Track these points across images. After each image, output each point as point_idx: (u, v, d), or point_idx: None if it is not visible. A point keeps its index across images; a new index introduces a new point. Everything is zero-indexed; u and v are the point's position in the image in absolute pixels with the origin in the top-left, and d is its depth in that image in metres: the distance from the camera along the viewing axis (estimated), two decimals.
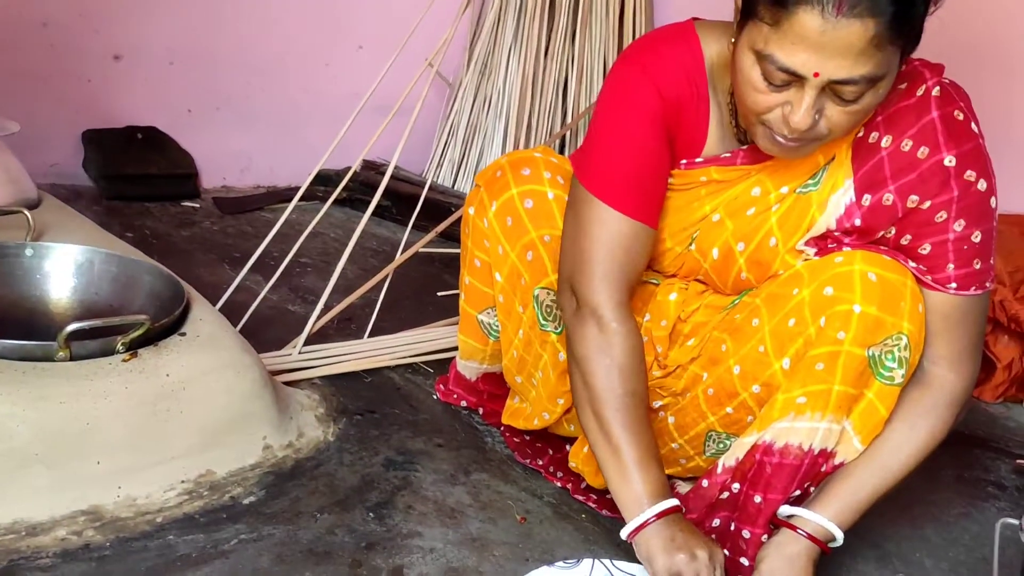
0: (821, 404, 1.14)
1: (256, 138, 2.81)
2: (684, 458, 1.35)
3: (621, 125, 1.21)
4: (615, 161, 1.21)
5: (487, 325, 1.52)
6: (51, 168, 2.37)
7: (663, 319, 1.36)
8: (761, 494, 1.20)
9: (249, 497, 1.26)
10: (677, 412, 1.32)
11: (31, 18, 2.26)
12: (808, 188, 1.19)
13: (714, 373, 1.25)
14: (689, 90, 1.20)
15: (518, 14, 2.71)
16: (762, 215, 1.22)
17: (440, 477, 1.40)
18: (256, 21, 2.69)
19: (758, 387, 1.20)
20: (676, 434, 1.33)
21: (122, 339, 1.22)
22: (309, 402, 1.51)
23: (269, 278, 1.97)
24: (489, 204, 1.39)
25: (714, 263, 1.28)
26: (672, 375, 1.34)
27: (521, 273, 1.39)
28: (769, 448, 1.18)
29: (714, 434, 1.29)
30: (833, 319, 1.12)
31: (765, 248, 1.22)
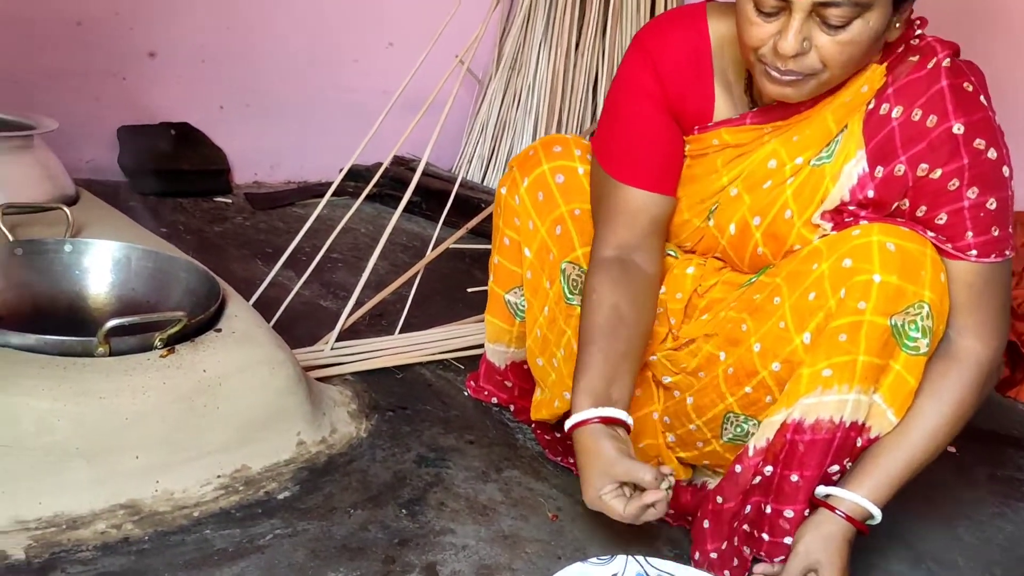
0: (848, 375, 1.14)
1: (286, 134, 2.83)
2: (701, 441, 1.35)
3: (623, 106, 1.31)
4: (624, 142, 1.31)
5: (513, 305, 1.54)
6: (87, 164, 2.40)
7: (679, 292, 1.37)
8: (797, 472, 1.20)
9: (283, 492, 1.27)
10: (696, 393, 1.32)
11: (67, 17, 2.29)
12: (822, 160, 1.21)
13: (734, 353, 1.26)
14: (691, 66, 1.26)
15: (548, 9, 2.71)
16: (778, 188, 1.23)
17: (472, 474, 1.41)
18: (287, 18, 2.71)
19: (778, 364, 1.21)
20: (694, 415, 1.33)
21: (159, 335, 1.24)
22: (341, 398, 1.52)
23: (301, 274, 1.99)
24: (521, 180, 1.44)
25: (731, 239, 1.30)
26: (685, 349, 1.35)
27: (550, 248, 1.42)
28: (799, 426, 1.18)
29: (732, 416, 1.29)
30: (853, 290, 1.13)
31: (780, 221, 1.24)
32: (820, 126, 1.20)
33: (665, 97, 1.27)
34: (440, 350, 1.80)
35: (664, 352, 1.36)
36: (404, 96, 2.10)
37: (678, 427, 1.35)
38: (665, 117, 1.29)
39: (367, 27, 2.89)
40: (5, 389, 1.10)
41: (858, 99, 1.18)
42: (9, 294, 1.37)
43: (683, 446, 1.36)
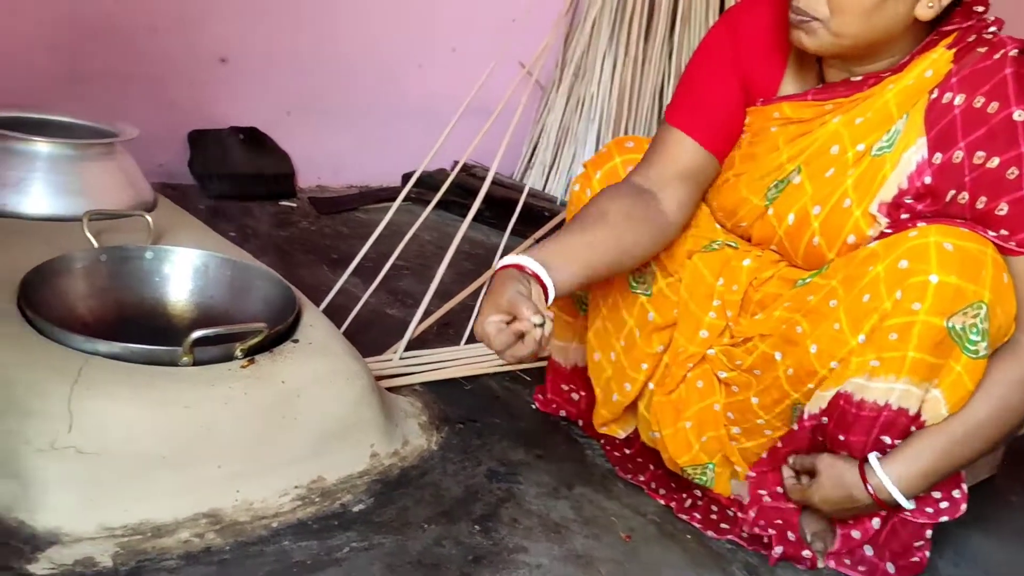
0: (895, 368, 1.15)
1: (350, 138, 2.86)
2: (770, 429, 1.35)
3: (696, 62, 1.38)
4: (687, 93, 1.37)
5: (578, 298, 1.55)
6: (159, 167, 2.44)
7: (735, 284, 1.37)
8: (844, 434, 1.23)
9: (359, 504, 1.28)
10: (760, 393, 1.32)
11: (142, 24, 2.33)
12: (883, 150, 1.21)
13: (792, 355, 1.25)
14: (769, 38, 1.30)
15: (615, 17, 2.69)
16: (839, 176, 1.24)
17: (543, 490, 1.40)
18: (352, 24, 2.73)
19: (836, 363, 1.20)
20: (761, 412, 1.33)
21: (240, 346, 1.25)
22: (412, 409, 1.53)
23: (366, 280, 2.00)
24: (593, 174, 1.46)
25: (789, 228, 1.30)
26: (741, 347, 1.35)
27: None
28: (849, 397, 1.20)
29: (800, 406, 1.29)
30: (909, 291, 1.12)
31: (839, 210, 1.24)
32: (882, 110, 1.21)
33: (737, 59, 1.32)
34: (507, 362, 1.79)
35: (721, 347, 1.37)
36: (468, 102, 2.11)
37: (743, 422, 1.36)
38: (731, 78, 1.33)
39: (430, 33, 2.91)
40: (95, 397, 1.12)
41: (921, 84, 1.19)
42: (93, 300, 1.40)
43: (749, 436, 1.37)
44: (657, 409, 1.43)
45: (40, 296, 1.28)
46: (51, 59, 2.22)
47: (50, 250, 1.40)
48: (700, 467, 1.42)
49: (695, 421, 1.40)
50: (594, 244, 1.26)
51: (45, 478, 1.09)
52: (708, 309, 1.38)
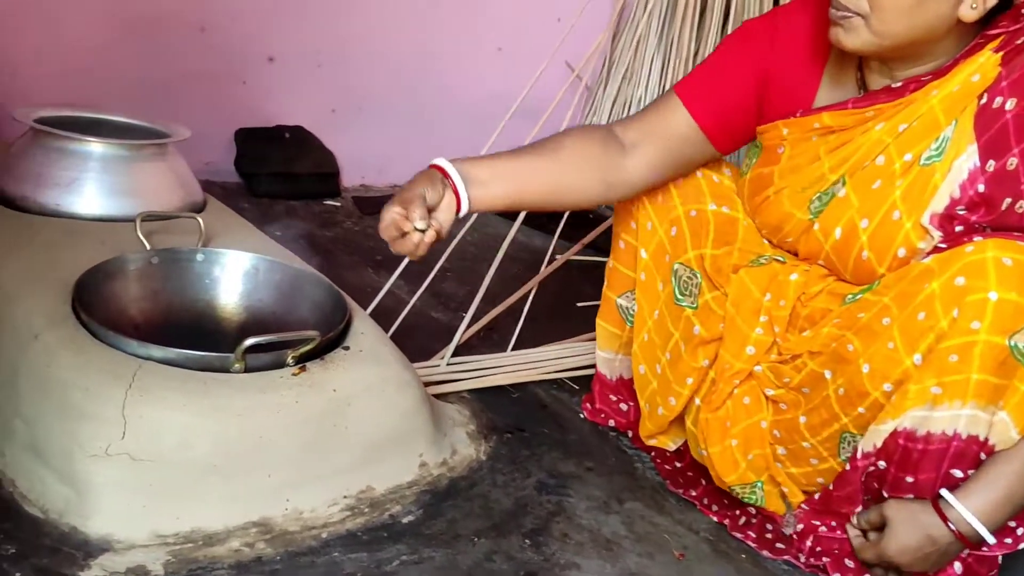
0: (959, 392, 1.10)
1: (394, 138, 2.84)
2: (816, 458, 1.30)
3: (725, 49, 1.35)
4: (705, 68, 1.35)
5: (625, 309, 1.53)
6: (206, 166, 2.45)
7: (782, 299, 1.34)
8: (912, 476, 1.18)
9: (408, 516, 1.26)
10: (808, 412, 1.28)
11: (191, 23, 2.34)
12: (931, 159, 1.17)
13: (843, 373, 1.21)
14: (808, 46, 1.28)
15: (665, 17, 2.65)
16: (887, 187, 1.20)
17: (593, 504, 1.37)
18: (399, 23, 2.72)
19: (889, 385, 1.16)
20: (807, 433, 1.29)
21: (292, 353, 1.24)
22: (460, 418, 1.51)
23: (410, 281, 1.98)
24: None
25: (836, 243, 1.26)
26: (789, 364, 1.31)
27: (666, 249, 1.42)
28: (912, 435, 1.15)
29: (848, 435, 1.24)
30: (967, 309, 1.08)
31: (888, 223, 1.20)
32: (928, 118, 1.17)
33: (768, 62, 1.30)
34: (554, 369, 1.77)
35: (768, 363, 1.34)
36: (512, 101, 2.08)
37: (789, 442, 1.32)
38: (751, 75, 1.31)
39: (476, 32, 2.89)
40: (151, 403, 1.11)
41: (968, 89, 1.14)
42: (145, 302, 1.40)
43: (794, 461, 1.33)
44: (704, 426, 1.40)
45: (94, 298, 1.28)
46: (101, 58, 2.23)
47: (103, 251, 1.40)
48: (748, 486, 1.38)
49: (741, 439, 1.37)
50: (533, 172, 1.29)
51: (98, 484, 1.09)
52: (755, 325, 1.35)
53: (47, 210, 1.51)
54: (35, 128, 1.54)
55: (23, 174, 1.53)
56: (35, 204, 1.51)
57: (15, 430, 1.17)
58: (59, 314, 1.23)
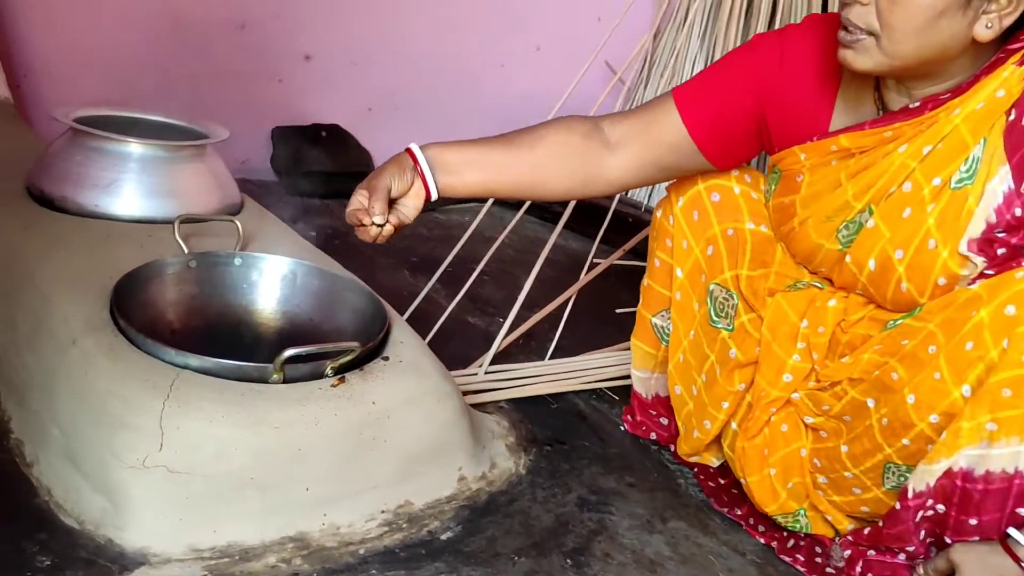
0: (1017, 428, 1.06)
1: (430, 137, 2.77)
2: (859, 487, 1.26)
3: (732, 61, 1.29)
4: (706, 76, 1.30)
5: (660, 328, 1.50)
6: (242, 164, 2.44)
7: (821, 325, 1.29)
8: (975, 517, 1.12)
9: (446, 532, 1.23)
10: (850, 441, 1.23)
11: (231, 20, 2.32)
12: (963, 182, 1.12)
13: (887, 402, 1.16)
14: (819, 69, 1.22)
15: (709, 16, 2.60)
16: (919, 215, 1.15)
17: (636, 522, 1.34)
18: (435, 22, 2.69)
19: (936, 416, 1.11)
20: (850, 463, 1.24)
21: (331, 364, 1.21)
22: (499, 429, 1.48)
23: (446, 285, 1.96)
24: (676, 200, 1.40)
25: (871, 275, 1.21)
26: (829, 391, 1.26)
27: (703, 268, 1.38)
28: (968, 475, 1.09)
29: (893, 466, 1.19)
30: (1018, 340, 1.03)
31: (924, 252, 1.15)
32: (954, 139, 1.12)
33: (772, 81, 1.24)
34: (594, 379, 1.73)
35: (807, 391, 1.29)
36: (550, 101, 2.05)
37: (830, 471, 1.27)
38: (753, 92, 1.26)
39: (514, 31, 2.86)
40: (188, 414, 1.09)
41: (993, 105, 1.09)
42: (182, 307, 1.38)
43: (837, 490, 1.28)
44: (741, 455, 1.36)
45: (132, 303, 1.26)
46: (140, 56, 2.23)
47: (141, 254, 1.38)
48: (791, 515, 1.34)
49: (780, 467, 1.33)
50: (508, 162, 1.26)
51: (135, 496, 1.07)
52: (792, 351, 1.31)
53: (85, 211, 1.49)
54: (74, 128, 1.52)
55: (62, 174, 1.52)
56: (74, 205, 1.50)
57: (51, 437, 1.16)
58: (97, 319, 1.21)
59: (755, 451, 1.35)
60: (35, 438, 1.19)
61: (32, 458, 1.18)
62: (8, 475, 1.16)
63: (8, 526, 1.08)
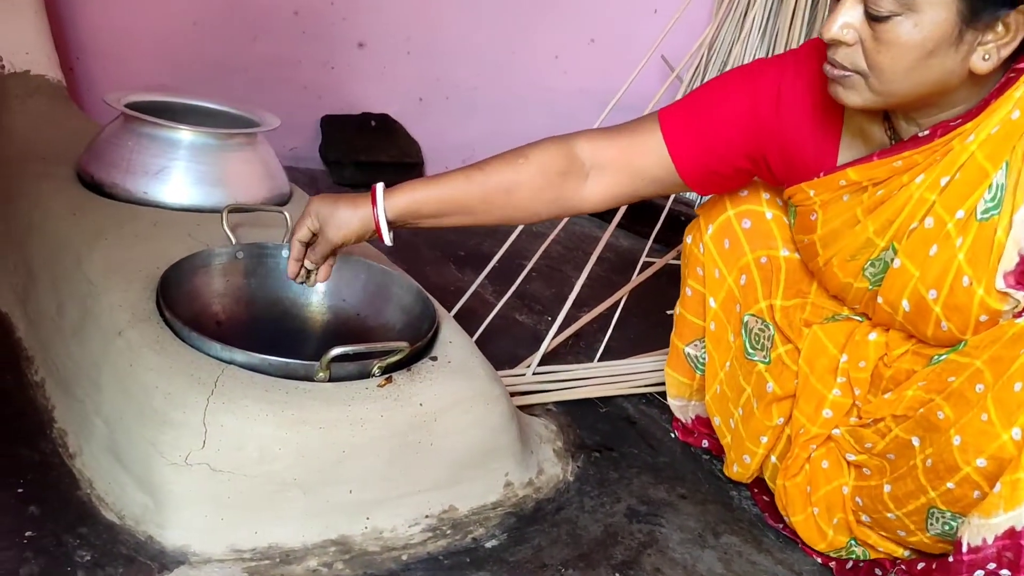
0: None
1: (480, 129, 2.78)
2: (903, 530, 1.19)
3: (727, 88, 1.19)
4: (698, 101, 1.20)
5: (693, 358, 1.45)
6: (290, 151, 2.42)
7: (862, 360, 1.23)
8: None
9: (491, 540, 1.19)
10: (893, 481, 1.16)
11: (285, 6, 2.30)
12: (989, 212, 1.06)
13: (932, 442, 1.09)
14: (818, 96, 1.14)
15: (770, 9, 2.51)
16: (946, 252, 1.09)
17: (687, 536, 1.29)
18: (489, 12, 2.65)
19: (983, 460, 1.03)
20: (892, 504, 1.17)
21: (379, 363, 1.18)
22: (547, 433, 1.43)
23: (493, 280, 1.92)
24: (705, 228, 1.35)
25: (907, 315, 1.15)
26: (871, 428, 1.20)
27: (737, 299, 1.33)
28: None
29: (936, 511, 1.12)
30: None
31: (959, 291, 1.09)
32: (972, 167, 1.05)
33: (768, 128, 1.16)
34: (644, 383, 1.68)
35: (848, 427, 1.23)
36: (603, 95, 1.99)
37: (872, 511, 1.21)
38: (746, 136, 1.17)
39: (569, 23, 2.80)
40: (232, 412, 1.06)
41: (1010, 128, 1.02)
42: (228, 298, 1.36)
43: (880, 529, 1.22)
44: (782, 493, 1.31)
45: (178, 294, 1.24)
46: (192, 41, 2.22)
47: (189, 243, 1.36)
48: (843, 548, 1.28)
49: (823, 506, 1.27)
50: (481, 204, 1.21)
51: (177, 493, 1.05)
52: (831, 385, 1.25)
53: (135, 198, 1.48)
54: (126, 114, 1.51)
55: (112, 160, 1.50)
56: (124, 191, 1.49)
57: (95, 428, 1.14)
58: (143, 310, 1.19)
59: (797, 490, 1.29)
60: (79, 429, 1.18)
61: (75, 449, 1.17)
62: (51, 465, 1.15)
63: (50, 518, 1.07)
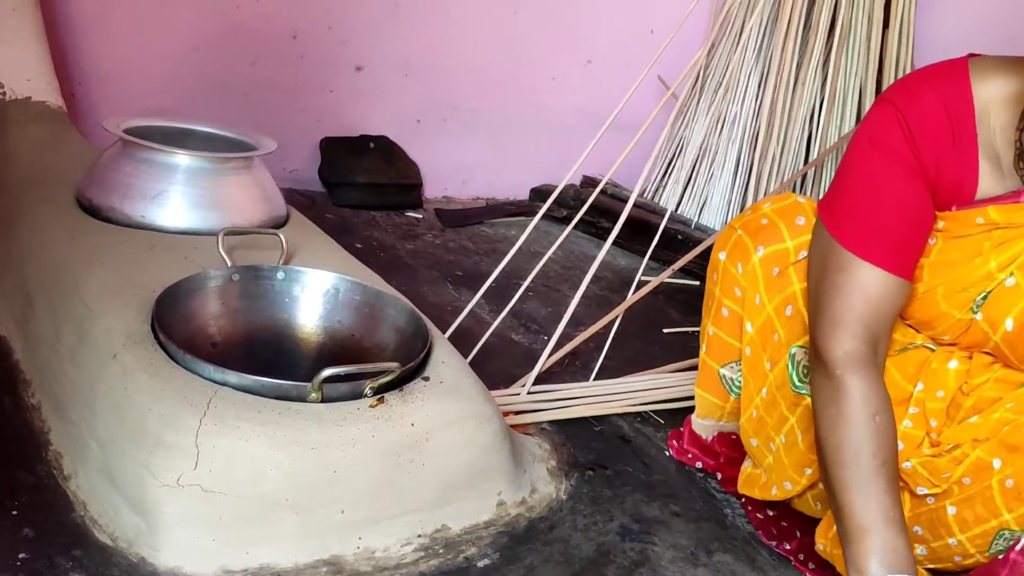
0: None
1: (479, 150, 2.80)
2: (961, 555, 1.16)
3: (869, 169, 1.12)
4: (862, 207, 1.13)
5: (729, 380, 1.41)
6: (289, 174, 2.44)
7: (940, 389, 1.20)
8: None
9: (483, 560, 1.20)
10: (960, 503, 1.13)
11: (283, 31, 2.33)
12: None
13: (1014, 463, 1.07)
14: (949, 130, 1.09)
15: (765, 31, 2.54)
16: None
17: (680, 554, 1.29)
18: (487, 34, 2.67)
19: None
20: (956, 528, 1.14)
21: (371, 383, 1.19)
22: (541, 452, 1.44)
23: (490, 300, 1.94)
24: (755, 249, 1.31)
25: (1007, 335, 1.11)
26: (947, 456, 1.16)
27: (776, 328, 1.29)
28: None
29: (1007, 532, 1.09)
30: None
31: None
32: None
33: (918, 163, 1.09)
34: (639, 401, 1.69)
35: (921, 459, 1.18)
36: (600, 115, 2.01)
37: (932, 540, 1.18)
38: (917, 184, 1.10)
39: (566, 45, 2.83)
40: (225, 433, 1.07)
41: None
42: (224, 320, 1.37)
43: (934, 559, 1.19)
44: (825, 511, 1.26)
45: (173, 316, 1.26)
46: (191, 64, 2.24)
47: (185, 266, 1.38)
48: None
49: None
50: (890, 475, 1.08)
51: (169, 515, 1.06)
52: (903, 417, 1.21)
53: (132, 222, 1.50)
54: (124, 139, 1.53)
55: (110, 185, 1.52)
56: (121, 215, 1.50)
57: (90, 452, 1.15)
58: (138, 333, 1.21)
59: None
60: (74, 451, 1.19)
61: (70, 471, 1.18)
62: (45, 488, 1.16)
63: (44, 540, 1.08)
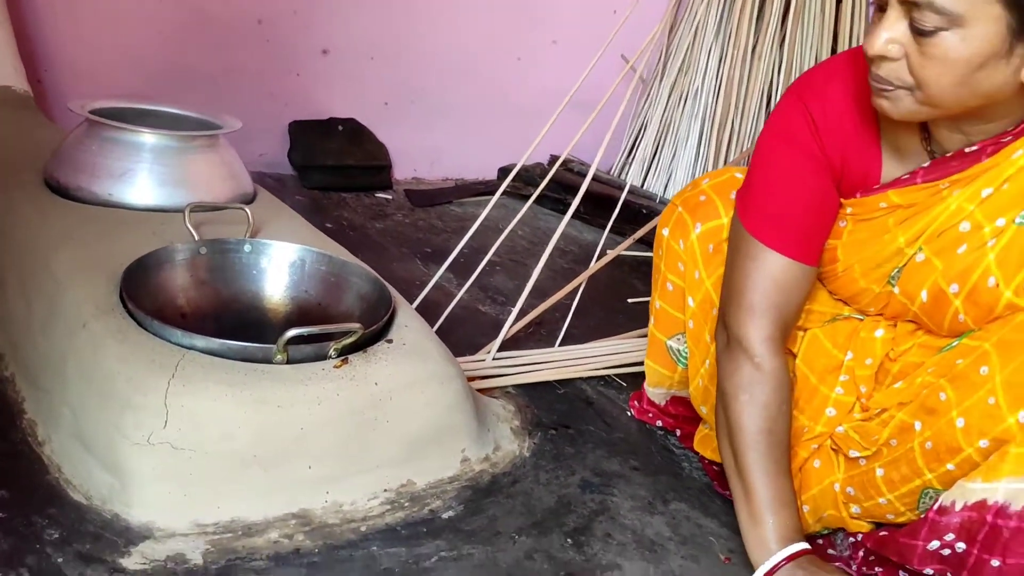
0: None
1: (447, 131, 2.84)
2: (892, 513, 1.21)
3: (776, 162, 1.19)
4: (769, 198, 1.19)
5: (676, 351, 1.47)
6: (259, 157, 2.47)
7: (868, 357, 1.25)
8: (999, 558, 1.05)
9: (448, 511, 1.25)
10: (887, 464, 1.18)
11: (249, 16, 2.36)
12: None
13: (932, 425, 1.11)
14: (853, 122, 1.14)
15: (723, 8, 2.59)
16: (976, 252, 1.09)
17: (638, 504, 1.34)
18: (451, 16, 2.71)
19: (986, 442, 1.05)
20: (885, 488, 1.19)
21: (335, 345, 1.23)
22: (504, 413, 1.49)
23: (458, 275, 1.98)
24: (692, 226, 1.36)
25: (923, 305, 1.16)
26: (876, 420, 1.22)
27: (714, 302, 1.34)
28: (1003, 510, 1.03)
29: (931, 491, 1.14)
30: None
31: (983, 290, 1.09)
32: (1019, 181, 1.05)
33: (823, 155, 1.15)
34: (602, 365, 1.74)
35: (852, 424, 1.24)
36: (565, 95, 2.05)
37: (864, 500, 1.22)
38: (822, 176, 1.16)
39: (531, 25, 2.87)
40: (194, 394, 1.11)
41: None
42: (193, 292, 1.41)
43: (870, 517, 1.24)
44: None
45: (141, 288, 1.29)
46: (158, 49, 2.27)
47: (153, 241, 1.41)
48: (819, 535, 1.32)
49: (812, 504, 1.28)
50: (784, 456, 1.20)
51: (140, 472, 1.10)
52: (834, 384, 1.27)
53: (100, 200, 1.53)
54: (90, 119, 1.56)
55: (78, 165, 1.55)
56: (89, 194, 1.54)
57: (62, 417, 1.19)
58: (107, 303, 1.24)
59: None
60: (47, 418, 1.23)
61: (44, 437, 1.22)
62: (21, 454, 1.20)
63: (20, 502, 1.11)
